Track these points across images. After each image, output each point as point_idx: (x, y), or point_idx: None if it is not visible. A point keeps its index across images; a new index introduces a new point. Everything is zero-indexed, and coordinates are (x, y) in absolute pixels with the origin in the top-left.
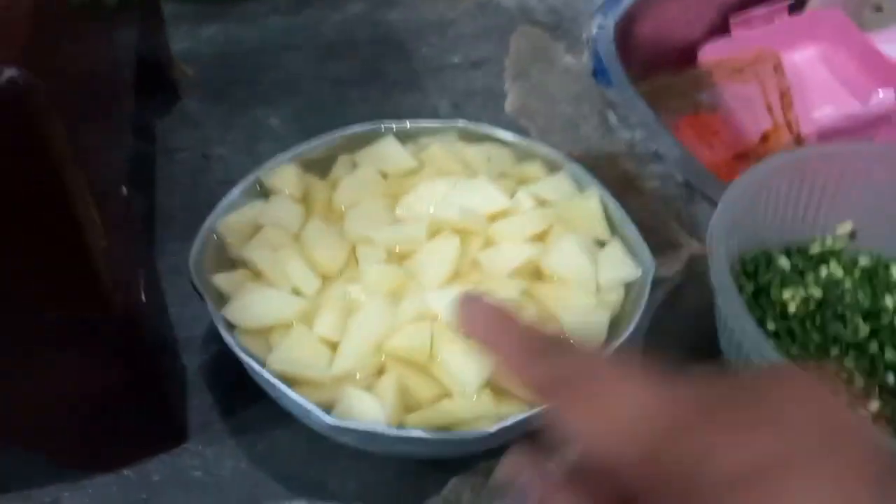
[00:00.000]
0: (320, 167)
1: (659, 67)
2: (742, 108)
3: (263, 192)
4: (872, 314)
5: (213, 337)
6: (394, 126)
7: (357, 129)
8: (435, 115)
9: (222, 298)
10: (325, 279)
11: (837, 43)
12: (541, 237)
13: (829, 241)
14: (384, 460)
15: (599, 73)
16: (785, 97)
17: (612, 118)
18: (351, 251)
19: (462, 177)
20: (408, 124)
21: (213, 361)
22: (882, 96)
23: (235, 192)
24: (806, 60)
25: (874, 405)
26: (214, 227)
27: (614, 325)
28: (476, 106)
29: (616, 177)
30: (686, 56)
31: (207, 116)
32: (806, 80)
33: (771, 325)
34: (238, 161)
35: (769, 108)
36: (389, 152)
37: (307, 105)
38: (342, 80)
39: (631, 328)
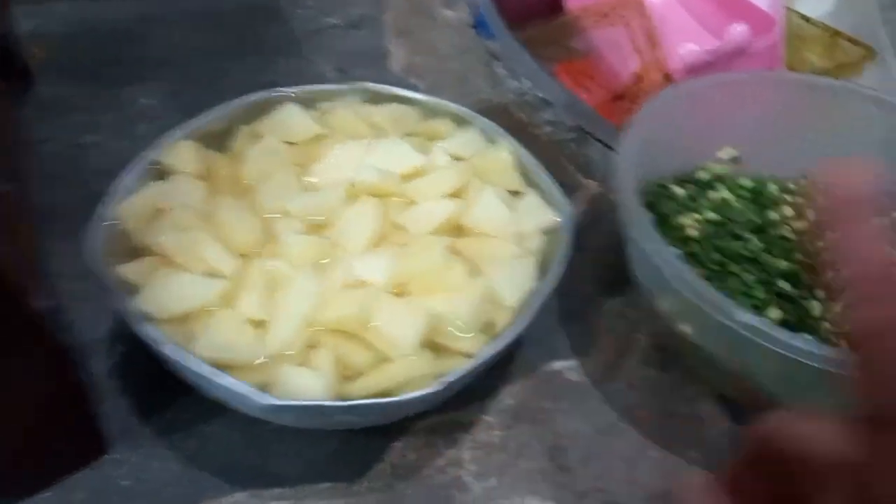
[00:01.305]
0: (218, 141)
1: (530, 18)
2: (612, 52)
3: (160, 174)
4: (762, 229)
5: (119, 337)
6: (293, 92)
7: (254, 97)
8: (322, 79)
9: (131, 290)
10: (243, 257)
11: None
12: (459, 193)
13: (715, 168)
14: (325, 435)
15: (480, 25)
16: (651, 37)
17: (499, 69)
18: (266, 225)
19: (372, 139)
20: (309, 89)
21: (123, 363)
22: (736, 31)
23: (128, 177)
24: (664, 2)
25: (775, 313)
26: (110, 215)
27: (540, 271)
28: (362, 67)
29: (510, 126)
30: (554, 4)
31: (70, 102)
32: (667, 21)
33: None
34: (116, 146)
35: (637, 50)
36: (293, 119)
37: (182, 80)
38: (215, 52)
39: (560, 272)
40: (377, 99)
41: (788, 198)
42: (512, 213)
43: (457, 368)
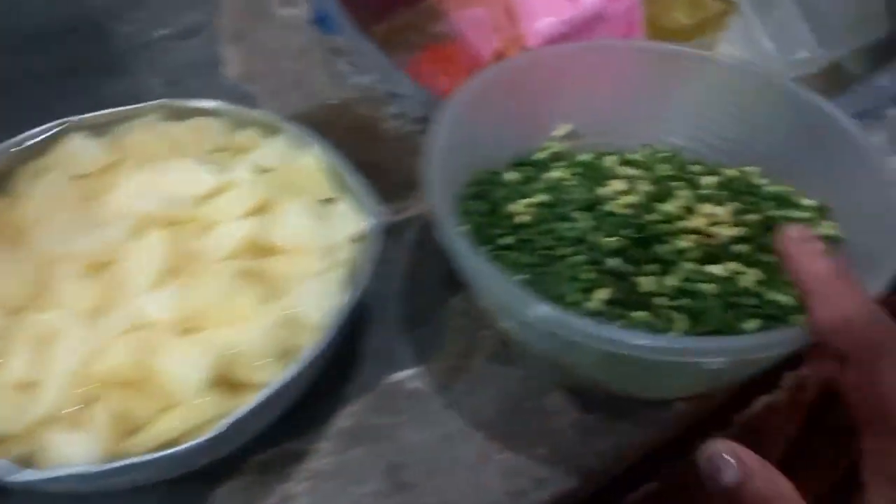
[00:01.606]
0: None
1: (395, 6)
2: (474, 32)
3: None
4: (592, 206)
5: None
6: (78, 119)
7: (32, 133)
8: (149, 96)
9: None
10: (12, 313)
11: None
12: (263, 209)
13: (554, 146)
14: (140, 491)
15: (321, 21)
16: (511, 14)
17: (342, 66)
18: (41, 273)
19: (170, 161)
20: (99, 115)
21: None
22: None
23: None
24: None
25: (604, 293)
26: None
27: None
28: (194, 78)
29: (352, 125)
30: None
31: None
32: None
33: (507, 240)
34: None
35: (497, 28)
36: (77, 151)
37: (13, 104)
38: (36, 77)
39: (365, 282)
40: (180, 114)
41: (629, 170)
42: (320, 224)
43: (245, 405)
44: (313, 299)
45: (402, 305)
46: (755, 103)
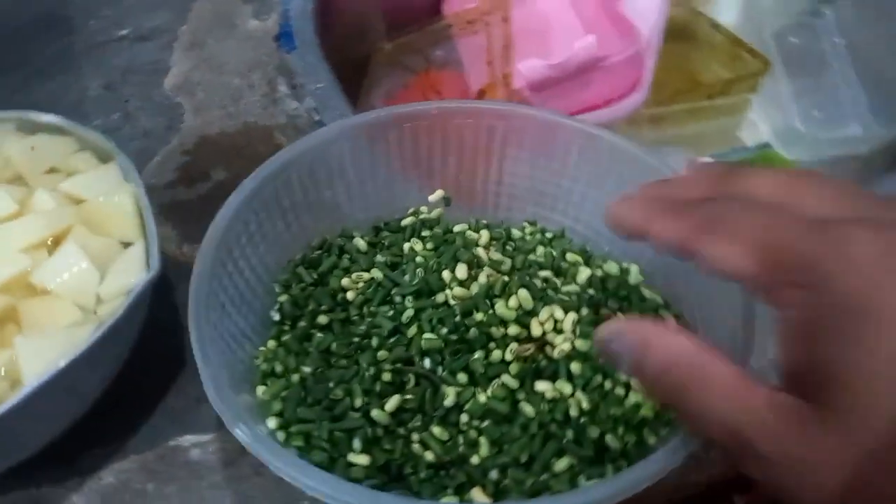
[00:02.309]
0: None
1: (407, 23)
2: (470, 62)
3: None
4: (425, 292)
5: None
6: None
7: None
8: (81, 98)
9: None
10: None
11: None
12: (53, 242)
13: (422, 211)
14: None
15: (284, 37)
16: (507, 50)
17: (283, 87)
18: None
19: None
20: None
21: None
22: (583, 44)
23: None
24: (529, 12)
25: (395, 400)
26: None
27: (115, 335)
28: (133, 84)
29: (269, 152)
30: (434, 9)
31: None
32: (527, 33)
33: (323, 319)
34: None
35: (490, 63)
36: None
37: None
38: None
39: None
40: (35, 128)
41: (493, 252)
42: (96, 271)
43: None
44: (34, 354)
45: None
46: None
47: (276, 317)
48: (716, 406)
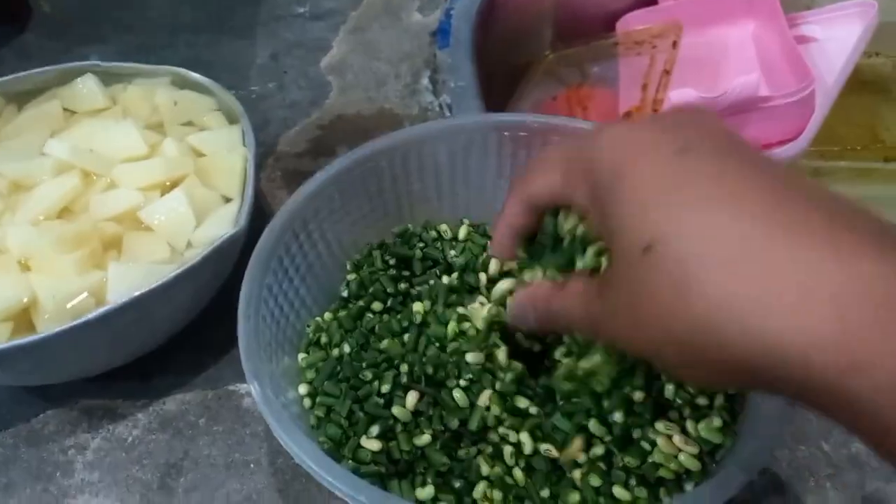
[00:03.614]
0: (25, 100)
1: (575, 36)
2: (625, 83)
3: None
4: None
5: None
6: (101, 64)
7: (68, 65)
8: (250, 63)
9: None
10: None
11: (767, 23)
12: (166, 187)
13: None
14: None
15: (441, 32)
16: (667, 75)
17: (425, 81)
18: None
19: (139, 120)
20: (119, 66)
21: None
22: (739, 82)
23: None
24: (706, 41)
25: (412, 399)
26: None
27: (190, 278)
28: (295, 57)
29: None
30: (608, 24)
31: (42, 52)
32: (693, 61)
33: (377, 306)
34: None
35: (645, 85)
36: (82, 90)
37: (137, 46)
38: (184, 25)
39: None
40: (184, 84)
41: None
42: (199, 218)
43: None
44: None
45: None
46: None
47: (345, 293)
48: (562, 318)
